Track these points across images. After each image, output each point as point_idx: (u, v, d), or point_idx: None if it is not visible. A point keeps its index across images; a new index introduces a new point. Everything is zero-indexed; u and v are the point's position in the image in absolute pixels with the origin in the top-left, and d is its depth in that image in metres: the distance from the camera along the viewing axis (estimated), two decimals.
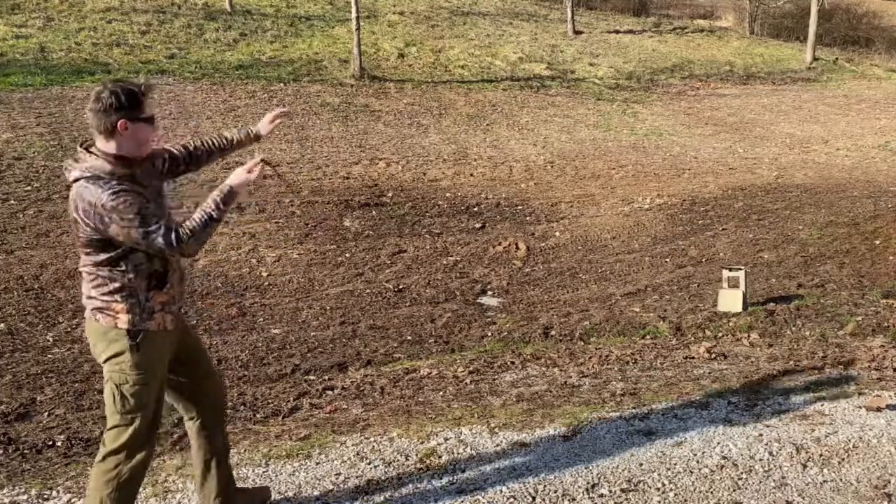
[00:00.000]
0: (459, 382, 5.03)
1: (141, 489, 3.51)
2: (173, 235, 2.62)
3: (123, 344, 2.74)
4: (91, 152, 2.70)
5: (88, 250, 2.71)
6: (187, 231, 2.66)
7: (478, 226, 9.86)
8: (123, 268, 2.71)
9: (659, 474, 3.53)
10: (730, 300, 6.70)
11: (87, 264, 2.75)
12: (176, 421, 4.54)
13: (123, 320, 2.74)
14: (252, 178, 2.83)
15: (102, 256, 2.70)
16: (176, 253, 2.67)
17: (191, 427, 3.11)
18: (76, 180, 2.69)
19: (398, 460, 3.73)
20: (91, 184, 2.64)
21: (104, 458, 2.81)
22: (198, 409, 3.08)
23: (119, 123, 2.65)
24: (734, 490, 3.38)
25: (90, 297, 2.78)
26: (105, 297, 2.75)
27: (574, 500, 3.33)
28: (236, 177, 2.82)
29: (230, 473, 3.22)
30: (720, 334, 6.16)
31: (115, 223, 2.60)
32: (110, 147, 2.69)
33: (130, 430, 2.78)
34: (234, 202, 2.82)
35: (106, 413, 2.84)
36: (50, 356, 5.78)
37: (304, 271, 8.05)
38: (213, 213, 2.73)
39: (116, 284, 2.73)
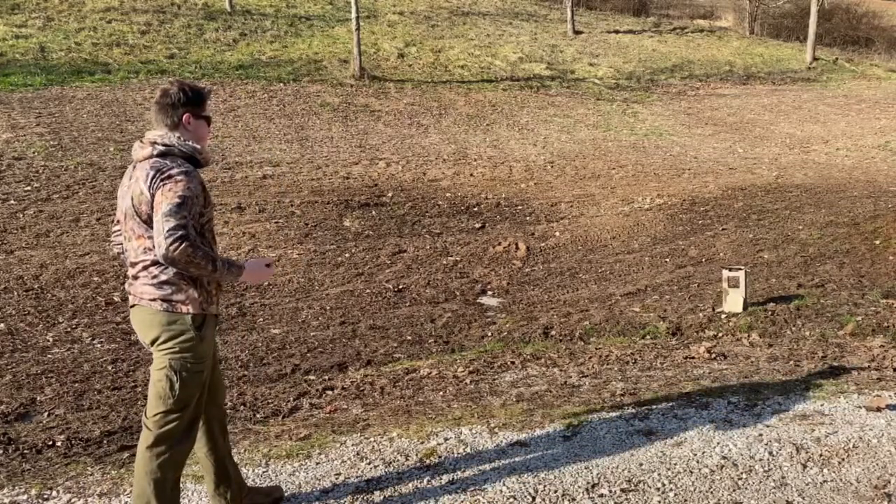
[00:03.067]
0: (459, 382, 5.03)
1: None
2: (178, 237, 2.64)
3: (189, 332, 2.81)
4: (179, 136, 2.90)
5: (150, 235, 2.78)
6: (192, 248, 2.67)
7: (478, 226, 9.86)
8: None
9: (659, 474, 3.53)
10: (729, 300, 6.70)
11: (148, 250, 2.80)
12: None
13: (195, 306, 2.82)
14: (266, 279, 3.00)
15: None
16: (164, 250, 2.65)
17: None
18: (151, 157, 2.81)
19: (398, 460, 3.73)
20: (170, 159, 2.80)
21: (154, 443, 2.84)
22: (205, 410, 3.05)
23: (185, 117, 2.86)
24: (734, 490, 3.38)
25: (155, 286, 2.82)
26: (173, 283, 2.81)
27: (574, 500, 3.33)
28: (259, 271, 2.97)
29: (239, 473, 3.26)
30: (720, 334, 6.16)
31: (163, 190, 2.70)
32: (184, 136, 2.90)
33: (178, 416, 2.84)
34: (236, 280, 2.90)
35: (151, 401, 2.85)
36: (50, 356, 5.78)
37: (304, 271, 8.05)
38: (216, 266, 2.76)
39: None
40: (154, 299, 2.80)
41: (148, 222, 2.75)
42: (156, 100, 2.89)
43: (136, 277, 2.85)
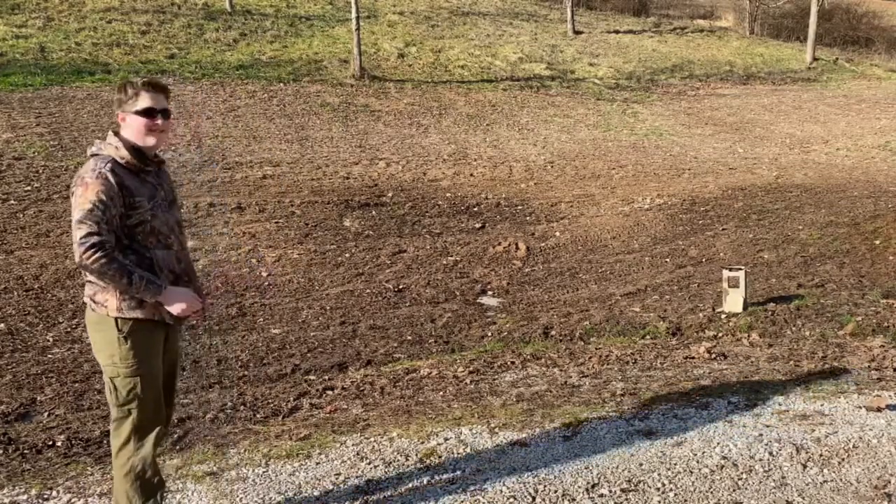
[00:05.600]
0: (459, 382, 5.03)
1: None
2: (90, 245, 2.56)
3: (112, 333, 2.70)
4: (117, 136, 2.78)
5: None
6: (106, 258, 2.58)
7: (478, 226, 9.86)
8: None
9: (659, 474, 3.53)
10: (729, 300, 6.70)
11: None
12: (176, 421, 4.54)
13: (112, 308, 2.70)
14: (187, 314, 2.79)
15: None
16: (77, 258, 2.59)
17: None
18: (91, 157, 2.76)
19: (398, 460, 3.73)
20: (92, 159, 2.72)
21: (117, 452, 2.83)
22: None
23: (118, 116, 2.79)
24: (734, 490, 3.38)
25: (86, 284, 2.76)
26: (95, 284, 2.72)
27: (574, 500, 3.33)
28: (178, 300, 2.75)
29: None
30: (720, 334, 6.16)
31: (76, 195, 2.62)
32: (124, 134, 2.79)
33: (127, 423, 2.79)
34: (151, 300, 2.72)
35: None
36: (50, 356, 5.78)
37: (304, 271, 8.05)
38: (131, 280, 2.63)
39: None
40: (86, 297, 2.77)
41: None
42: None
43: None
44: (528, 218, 10.26)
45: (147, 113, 2.74)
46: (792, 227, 9.67)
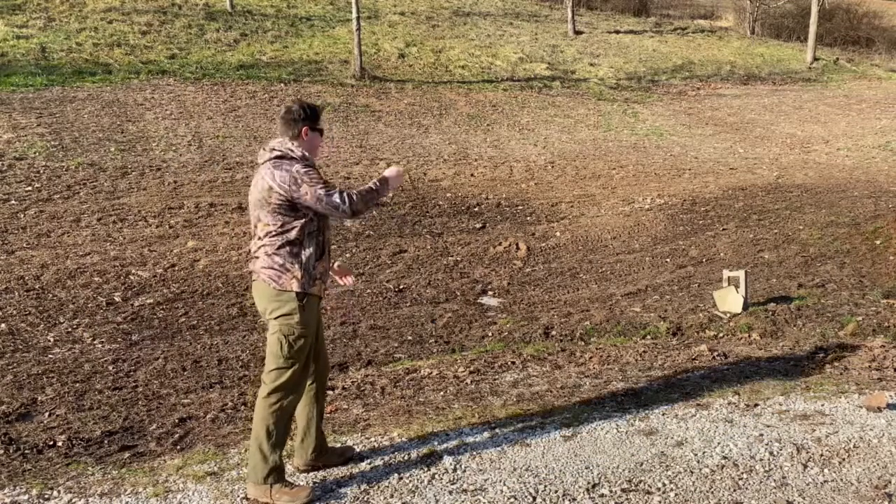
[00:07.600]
0: (460, 382, 5.03)
1: (142, 489, 3.53)
2: (346, 196, 3.29)
3: (293, 304, 3.35)
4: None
5: (275, 222, 3.32)
6: (357, 194, 3.33)
7: (478, 226, 9.87)
8: (301, 239, 3.33)
9: (659, 474, 3.53)
10: (730, 300, 6.70)
11: (269, 235, 3.34)
12: (177, 421, 4.55)
13: (296, 286, 3.36)
14: (402, 175, 3.61)
15: (286, 224, 3.31)
16: (348, 210, 3.27)
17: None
18: (269, 160, 3.36)
19: (398, 460, 3.74)
20: (286, 161, 3.34)
21: (269, 394, 3.38)
22: (311, 372, 3.55)
23: (303, 130, 3.43)
24: (735, 490, 3.38)
25: (269, 265, 3.38)
26: (283, 264, 3.36)
27: (574, 500, 3.33)
28: (393, 171, 3.56)
29: (324, 434, 3.71)
30: (720, 334, 6.16)
31: (305, 184, 3.27)
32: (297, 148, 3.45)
33: (289, 372, 3.37)
34: (389, 187, 3.49)
35: (267, 360, 3.42)
36: (51, 356, 5.79)
37: None
38: (375, 186, 3.40)
39: (296, 253, 3.35)
40: (268, 277, 3.36)
41: (278, 210, 3.30)
42: (281, 115, 3.48)
43: (255, 257, 3.41)
44: (528, 218, 10.27)
45: (322, 132, 3.56)
46: (792, 227, 9.67)
